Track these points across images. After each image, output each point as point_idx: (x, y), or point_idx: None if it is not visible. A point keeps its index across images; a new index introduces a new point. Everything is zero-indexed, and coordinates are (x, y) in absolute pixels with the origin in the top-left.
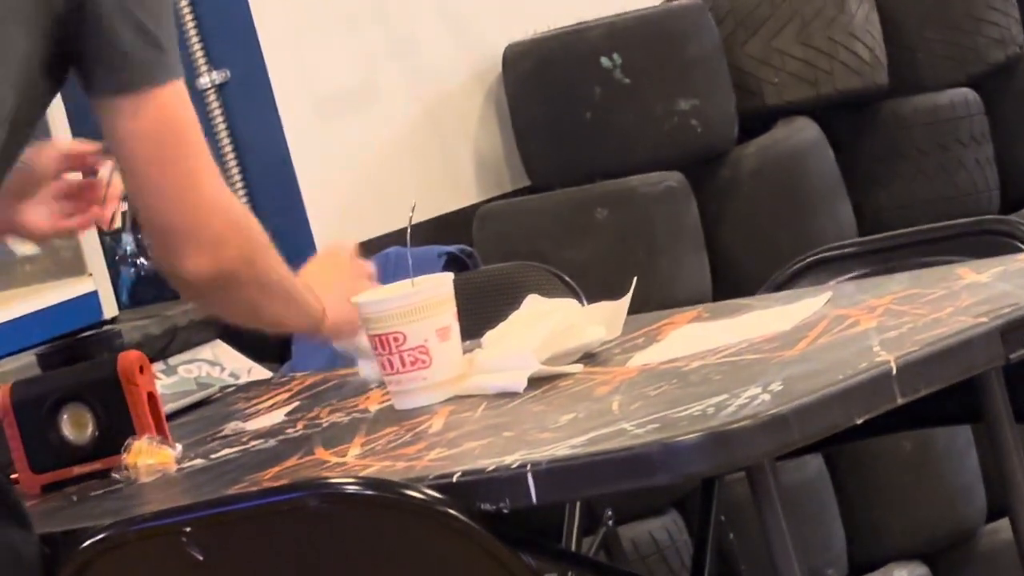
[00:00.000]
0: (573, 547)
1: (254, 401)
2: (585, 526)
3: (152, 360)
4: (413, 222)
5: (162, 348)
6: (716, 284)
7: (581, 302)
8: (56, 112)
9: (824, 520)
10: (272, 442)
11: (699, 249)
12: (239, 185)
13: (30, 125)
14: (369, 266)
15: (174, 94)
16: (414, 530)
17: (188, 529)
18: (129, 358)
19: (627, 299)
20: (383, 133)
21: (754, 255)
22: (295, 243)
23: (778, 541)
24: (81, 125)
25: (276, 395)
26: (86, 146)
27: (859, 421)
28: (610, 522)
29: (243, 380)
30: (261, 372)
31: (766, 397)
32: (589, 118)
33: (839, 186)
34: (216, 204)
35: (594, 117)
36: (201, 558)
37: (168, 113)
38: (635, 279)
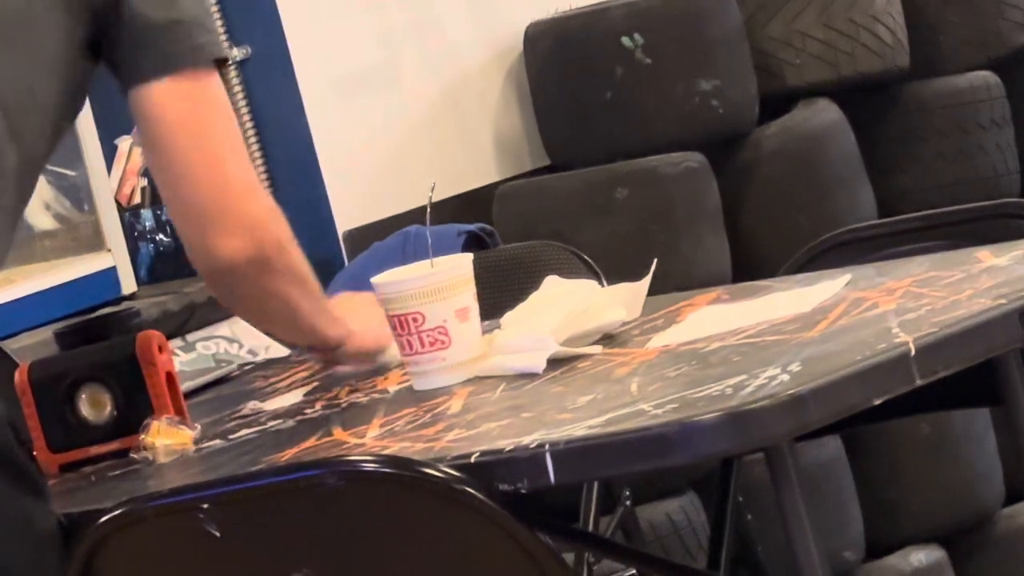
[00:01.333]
0: (591, 527)
1: (272, 380)
2: (603, 506)
3: (170, 337)
4: (433, 201)
5: (180, 324)
6: (736, 265)
7: (600, 283)
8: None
9: (842, 502)
10: (290, 422)
11: (719, 230)
12: (259, 163)
13: (73, 113)
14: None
15: (207, 76)
16: (432, 510)
17: (205, 506)
18: (147, 338)
19: (647, 280)
20: (403, 112)
21: (774, 236)
22: (315, 222)
23: (796, 522)
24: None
25: (295, 374)
26: None
27: (877, 402)
28: (628, 502)
29: (261, 357)
30: (279, 350)
31: (785, 377)
32: (610, 98)
33: (859, 168)
34: (250, 186)
35: (615, 97)
36: (218, 535)
37: (202, 96)
38: (655, 260)
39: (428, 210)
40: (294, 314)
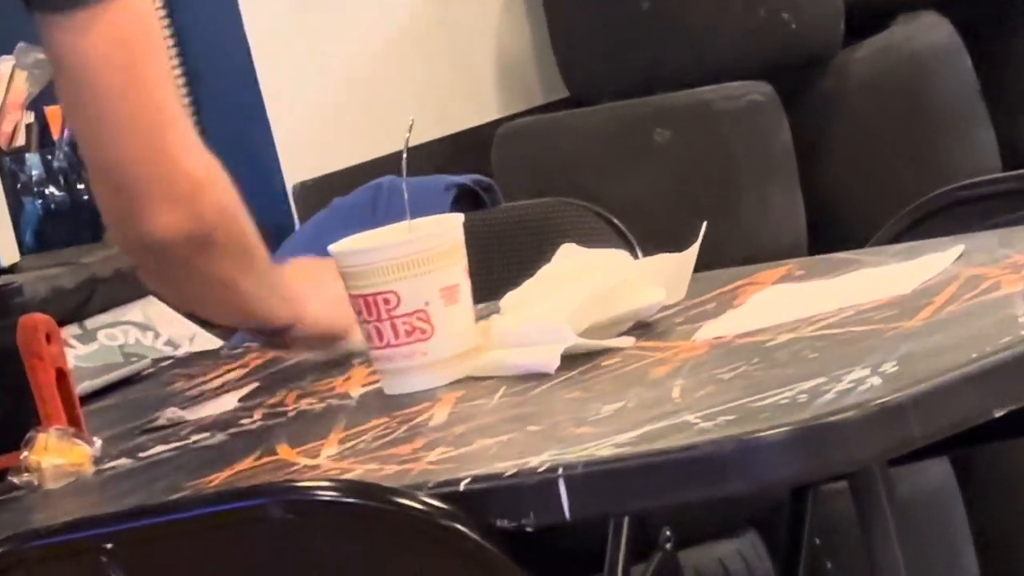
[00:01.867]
0: None
1: (198, 380)
2: (635, 550)
3: (63, 323)
4: (411, 144)
5: (77, 306)
6: (813, 231)
7: (633, 253)
8: None
9: (950, 544)
10: (221, 436)
11: (791, 185)
12: (184, 98)
13: None
14: None
15: (132, 6)
16: (408, 551)
17: (108, 546)
18: (32, 324)
19: (694, 251)
20: (375, 28)
21: (863, 193)
22: (257, 173)
23: (890, 571)
24: None
25: (227, 372)
26: None
27: (999, 414)
28: (668, 545)
29: (184, 351)
30: (208, 341)
31: (876, 381)
32: (648, 8)
33: (978, 104)
34: (187, 143)
35: (655, 8)
36: None
37: (126, 30)
38: (704, 224)
39: (404, 156)
40: (233, 295)
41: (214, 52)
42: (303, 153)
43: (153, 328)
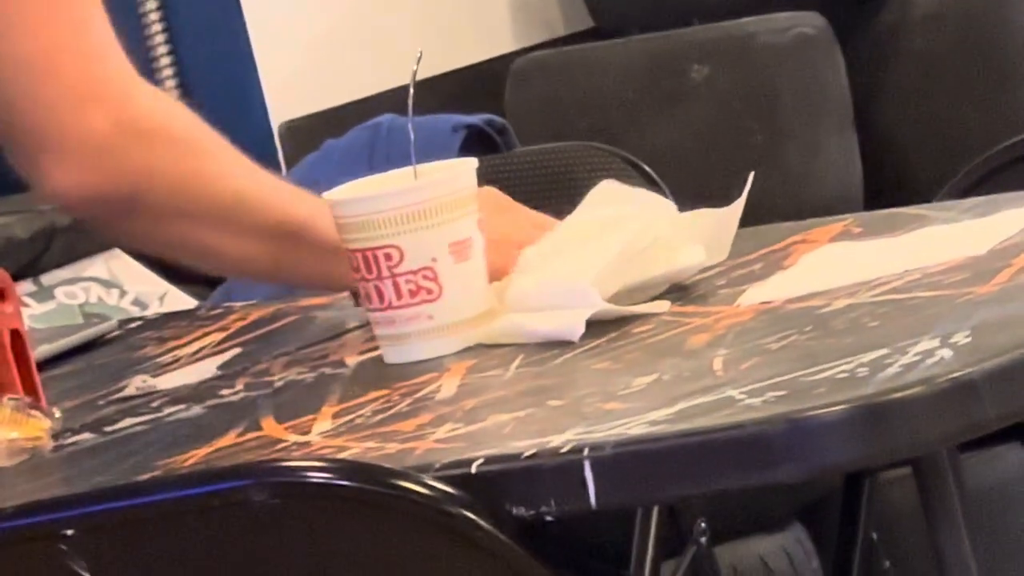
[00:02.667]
0: (647, 574)
1: (171, 344)
2: (667, 544)
3: (16, 278)
4: (418, 78)
5: (32, 260)
6: (869, 183)
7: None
8: None
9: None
10: (198, 409)
11: (846, 129)
12: (161, 31)
13: None
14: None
15: None
16: (411, 542)
17: (69, 533)
18: None
19: (740, 205)
20: None
21: (929, 141)
22: (240, 111)
23: (960, 570)
24: None
25: (204, 335)
26: None
27: None
28: (703, 539)
29: (153, 311)
30: (181, 299)
31: (947, 354)
32: None
33: None
34: (109, 78)
35: None
36: None
37: None
38: (752, 175)
39: (411, 92)
40: (232, 254)
41: None
42: (291, 89)
43: (118, 284)
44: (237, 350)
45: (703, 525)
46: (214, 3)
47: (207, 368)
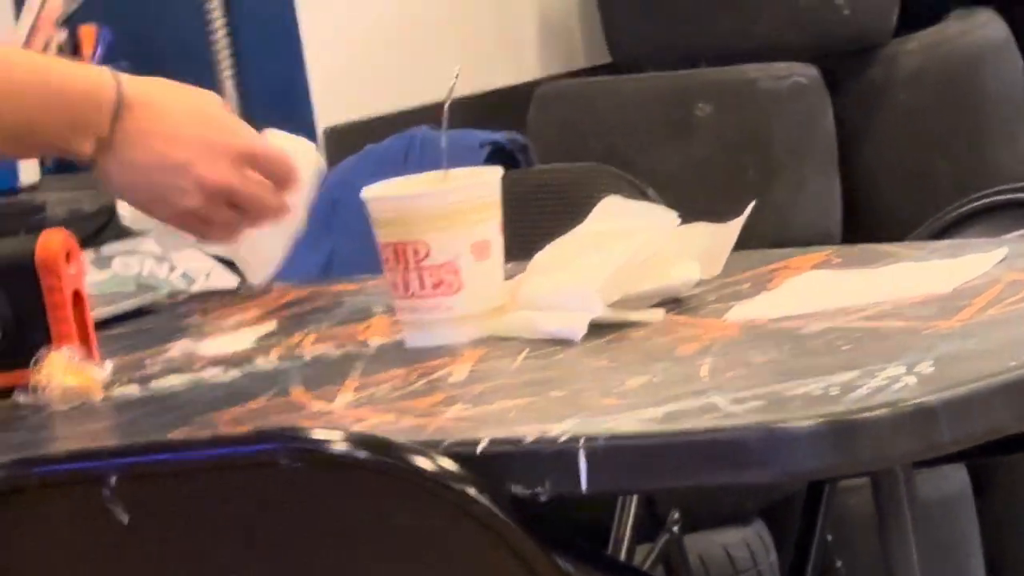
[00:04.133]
0: (623, 555)
1: (214, 316)
2: (642, 531)
3: (80, 247)
4: (453, 94)
5: (94, 232)
6: (850, 220)
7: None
8: None
9: (962, 551)
10: (234, 373)
11: (831, 170)
12: (222, 30)
13: None
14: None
15: None
16: (417, 511)
17: (112, 480)
18: (53, 240)
19: (738, 224)
20: None
21: (905, 187)
22: (287, 112)
23: (904, 572)
24: None
25: (244, 311)
26: None
27: None
28: (675, 528)
29: (199, 286)
30: (225, 277)
31: (911, 380)
32: None
33: None
34: None
35: None
36: (126, 521)
37: None
38: (753, 202)
39: (446, 106)
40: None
41: None
42: (338, 97)
43: (169, 260)
44: (273, 325)
45: (676, 515)
46: (274, 13)
47: (245, 338)
